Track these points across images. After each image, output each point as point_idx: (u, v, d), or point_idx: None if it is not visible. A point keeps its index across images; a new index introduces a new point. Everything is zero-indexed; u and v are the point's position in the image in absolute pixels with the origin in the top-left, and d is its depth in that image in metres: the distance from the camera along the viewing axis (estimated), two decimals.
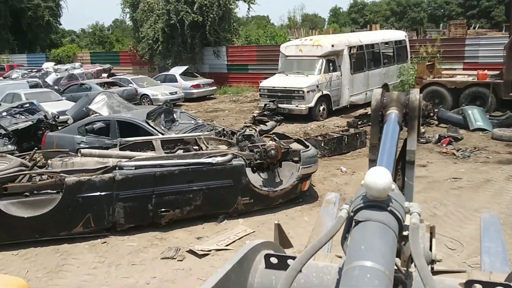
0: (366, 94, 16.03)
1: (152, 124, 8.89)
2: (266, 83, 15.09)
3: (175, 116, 9.94)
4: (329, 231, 1.17)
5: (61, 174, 6.26)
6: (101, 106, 9.65)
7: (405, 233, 1.17)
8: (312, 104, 14.04)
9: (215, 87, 21.75)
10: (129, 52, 28.45)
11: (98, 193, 6.22)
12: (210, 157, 6.77)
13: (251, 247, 1.38)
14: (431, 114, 12.73)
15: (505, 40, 13.88)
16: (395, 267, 1.17)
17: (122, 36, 48.31)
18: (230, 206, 6.83)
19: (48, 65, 26.70)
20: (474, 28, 37.22)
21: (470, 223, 6.15)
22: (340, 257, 1.57)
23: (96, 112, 9.62)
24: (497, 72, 13.50)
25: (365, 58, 15.96)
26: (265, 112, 13.80)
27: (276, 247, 1.55)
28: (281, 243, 1.91)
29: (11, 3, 36.41)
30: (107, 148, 7.72)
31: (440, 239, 5.71)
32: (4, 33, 36.77)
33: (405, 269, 1.24)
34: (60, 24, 48.51)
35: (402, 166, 1.80)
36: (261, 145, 7.14)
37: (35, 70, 24.69)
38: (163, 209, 6.48)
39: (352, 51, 15.85)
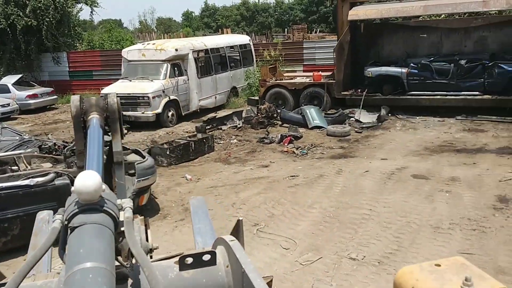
0: (215, 97, 16.14)
1: None
2: (108, 90, 14.21)
3: None
4: (42, 244, 1.16)
5: None
6: None
7: (122, 229, 1.24)
8: (159, 110, 13.62)
9: (55, 96, 19.95)
10: None
11: None
12: (28, 178, 5.98)
13: None
14: (275, 115, 13.25)
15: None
16: (117, 263, 1.26)
17: None
18: None
19: None
20: (316, 32, 40.43)
21: (304, 220, 6.39)
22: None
23: None
24: (330, 73, 14.63)
25: (211, 62, 16.04)
26: None
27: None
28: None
29: None
30: None
31: (276, 240, 5.82)
32: None
33: (127, 263, 1.32)
34: None
35: (112, 167, 1.88)
36: None
37: None
38: None
39: (199, 55, 15.82)
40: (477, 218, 5.98)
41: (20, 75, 19.87)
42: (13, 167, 6.78)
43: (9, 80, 19.32)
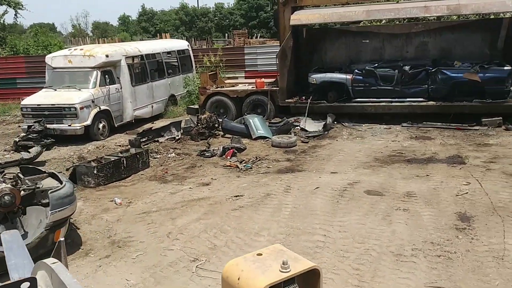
0: (152, 106, 15.03)
1: None
2: (29, 101, 12.74)
3: None
4: None
5: None
6: None
7: None
8: (88, 122, 12.32)
9: None
10: None
11: None
12: None
13: None
14: (216, 125, 12.40)
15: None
16: None
17: None
18: None
19: None
20: (256, 37, 40.02)
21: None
22: None
23: None
24: (273, 80, 13.99)
25: (147, 69, 14.92)
26: (30, 136, 11.52)
27: None
28: None
29: None
30: None
31: (218, 279, 4.95)
32: None
33: None
34: None
35: None
36: None
37: None
38: None
39: (134, 61, 14.65)
40: (440, 242, 5.43)
41: None
42: None
43: None
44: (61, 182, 6.19)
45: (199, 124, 12.41)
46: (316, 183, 7.92)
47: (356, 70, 12.87)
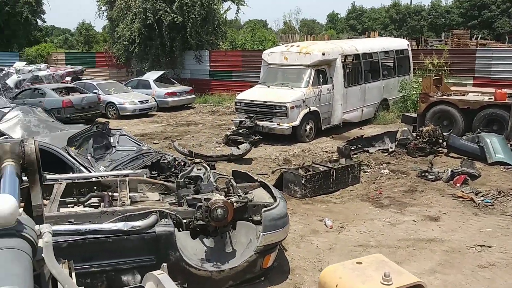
0: (362, 110, 13.84)
1: (72, 153, 6.57)
2: (244, 96, 12.80)
3: (112, 141, 7.62)
4: None
5: None
6: (13, 125, 7.32)
7: (42, 255, 1.28)
8: (296, 123, 11.77)
9: (193, 96, 19.46)
10: (105, 53, 26.10)
11: None
12: (122, 218, 4.49)
13: None
14: (440, 141, 10.50)
15: None
16: None
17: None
18: None
19: (19, 65, 24.30)
20: (476, 38, 35.26)
21: None
22: None
23: (5, 134, 7.29)
24: None
25: (361, 69, 13.73)
26: (240, 131, 11.51)
27: None
28: None
29: None
30: None
31: None
32: None
33: None
34: (44, 22, 46.05)
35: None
36: (204, 199, 4.84)
37: None
38: None
39: (346, 61, 13.65)
40: None
41: (162, 72, 19.80)
42: (114, 193, 5.42)
43: (151, 76, 19.31)
44: (273, 197, 5.43)
45: (418, 137, 10.71)
46: None
47: None
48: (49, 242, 1.28)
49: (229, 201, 4.81)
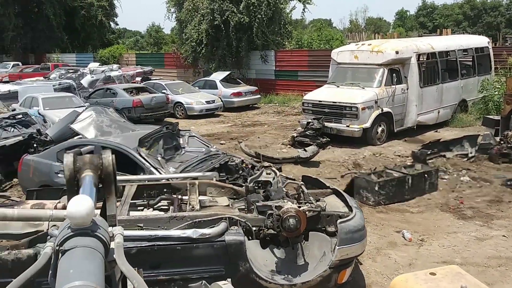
0: (438, 112, 12.99)
1: (143, 154, 6.57)
2: (311, 96, 12.42)
3: (181, 142, 7.57)
4: (30, 268, 1.25)
5: None
6: (87, 125, 7.47)
7: (114, 256, 1.35)
8: (367, 125, 11.22)
9: (258, 96, 19.35)
10: (173, 54, 26.71)
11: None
12: (192, 225, 4.32)
13: None
14: None
15: None
16: None
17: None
18: None
19: (93, 66, 25.52)
20: None
21: None
22: None
23: (79, 133, 7.46)
24: None
25: (438, 68, 12.88)
26: (307, 132, 11.16)
27: None
28: None
29: (64, 1, 36.03)
30: None
31: None
32: (58, 32, 36.44)
33: None
34: (117, 24, 48.27)
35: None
36: (276, 207, 4.57)
37: (72, 71, 23.42)
38: None
39: (421, 59, 12.88)
40: None
41: (228, 72, 19.88)
42: (184, 197, 5.29)
43: (218, 76, 19.43)
44: (348, 207, 5.05)
45: (502, 142, 9.82)
46: None
47: None
48: (120, 243, 1.37)
49: (301, 209, 4.51)
